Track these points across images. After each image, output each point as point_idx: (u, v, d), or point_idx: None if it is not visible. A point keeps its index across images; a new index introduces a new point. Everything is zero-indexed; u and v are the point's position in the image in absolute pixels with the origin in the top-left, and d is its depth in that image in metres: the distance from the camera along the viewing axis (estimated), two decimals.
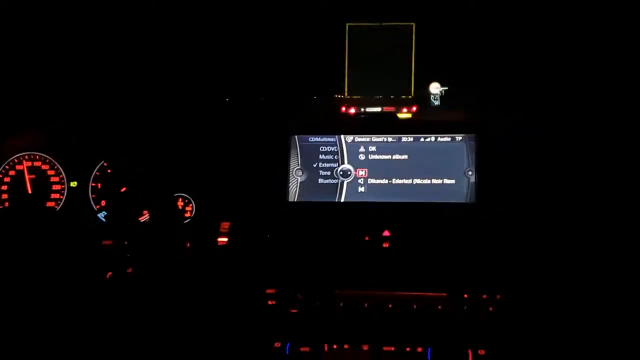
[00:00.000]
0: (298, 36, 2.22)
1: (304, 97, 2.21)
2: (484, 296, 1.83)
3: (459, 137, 2.00)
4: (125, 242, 1.82)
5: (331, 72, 2.22)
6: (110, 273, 1.82)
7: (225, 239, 1.98)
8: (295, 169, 2.06)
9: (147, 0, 2.03)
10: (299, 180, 2.06)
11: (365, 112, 2.20)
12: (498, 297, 1.82)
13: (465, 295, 1.83)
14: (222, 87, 2.22)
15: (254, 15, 2.14)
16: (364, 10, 2.15)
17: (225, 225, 2.01)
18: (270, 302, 1.90)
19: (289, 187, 2.05)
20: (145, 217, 2.04)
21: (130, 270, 1.80)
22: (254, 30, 2.17)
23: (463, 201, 1.97)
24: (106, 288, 1.86)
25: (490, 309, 1.82)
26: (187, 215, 2.11)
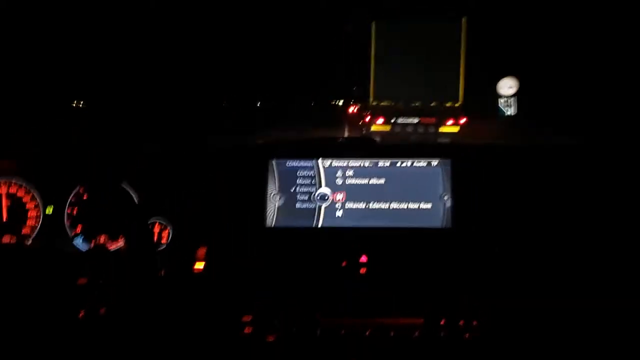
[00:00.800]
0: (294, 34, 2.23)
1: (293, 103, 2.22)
2: (461, 322, 1.82)
3: (434, 162, 2.01)
4: (101, 282, 1.79)
5: (333, 75, 2.22)
6: (82, 312, 1.79)
7: (202, 265, 1.97)
8: (272, 193, 2.06)
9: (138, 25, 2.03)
10: (276, 205, 2.06)
11: (397, 123, 2.21)
12: (475, 322, 1.82)
13: (443, 321, 1.83)
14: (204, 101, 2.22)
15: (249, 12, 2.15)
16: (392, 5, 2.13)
17: (202, 251, 2.00)
18: (246, 330, 1.89)
19: (266, 212, 2.05)
20: (119, 244, 2.03)
21: (102, 310, 1.78)
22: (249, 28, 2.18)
23: (439, 226, 1.98)
24: (78, 327, 1.83)
25: (467, 335, 1.82)
26: (164, 241, 2.10)
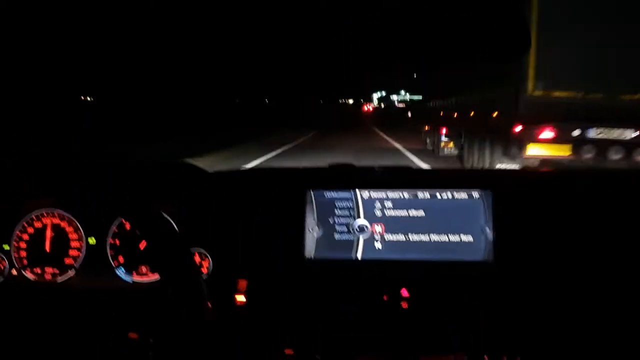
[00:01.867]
0: None
1: None
2: (504, 358, 1.83)
3: (475, 193, 2.01)
4: (151, 340, 1.82)
5: None
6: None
7: (244, 298, 2.00)
8: (311, 225, 2.08)
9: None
10: (315, 236, 2.07)
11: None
12: (518, 359, 1.82)
13: (486, 358, 1.83)
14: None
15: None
16: None
17: (242, 283, 2.02)
18: None
19: (305, 243, 2.07)
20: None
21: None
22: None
23: (481, 259, 1.98)
24: None
25: None
26: (204, 271, 2.13)
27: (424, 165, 11.49)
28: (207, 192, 2.21)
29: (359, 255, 2.05)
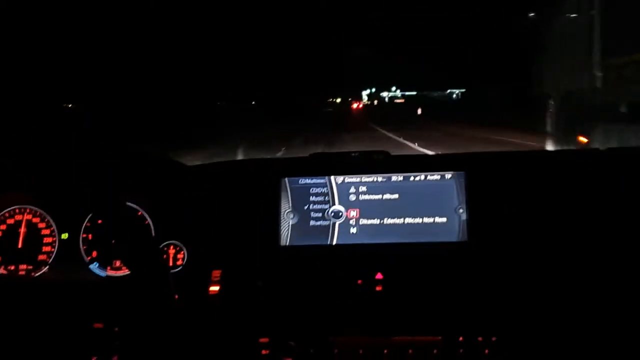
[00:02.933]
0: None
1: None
2: (480, 338, 1.82)
3: (448, 175, 2.01)
4: (116, 329, 1.81)
5: None
6: (95, 359, 1.81)
7: (217, 288, 1.99)
8: (286, 211, 2.08)
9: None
10: (290, 223, 2.07)
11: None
12: (493, 338, 1.82)
13: (461, 338, 1.83)
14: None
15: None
16: None
17: (216, 273, 2.02)
18: (263, 352, 1.90)
19: (280, 231, 2.07)
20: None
21: (115, 358, 1.80)
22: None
23: (455, 240, 1.98)
24: None
25: (486, 351, 1.82)
26: (179, 263, 2.12)
27: None
28: (183, 185, 2.21)
29: (334, 241, 2.05)
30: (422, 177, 2.03)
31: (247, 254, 2.07)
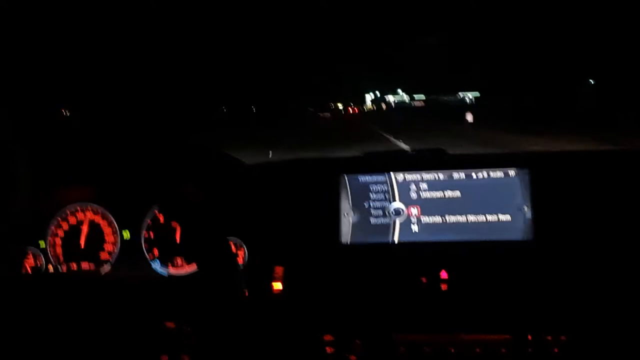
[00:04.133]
0: None
1: None
2: (549, 337, 1.82)
3: (511, 172, 2.01)
4: (189, 329, 1.85)
5: None
6: (165, 358, 1.84)
7: (280, 285, 2.01)
8: (346, 209, 2.09)
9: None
10: (350, 221, 2.09)
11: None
12: (563, 337, 1.82)
13: (529, 337, 1.83)
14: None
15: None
16: None
17: (279, 270, 2.04)
18: (328, 349, 1.92)
19: (341, 229, 2.08)
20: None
21: (186, 358, 1.83)
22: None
23: (520, 238, 1.98)
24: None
25: (556, 350, 1.82)
26: (240, 260, 2.15)
27: None
28: (243, 182, 2.23)
29: (396, 239, 2.06)
30: (485, 174, 2.03)
31: (308, 252, 2.08)
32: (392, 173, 2.09)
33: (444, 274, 1.95)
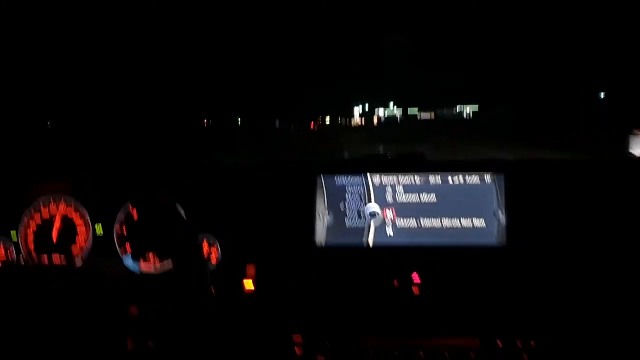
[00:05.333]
0: None
1: None
2: (519, 343, 1.82)
3: (487, 177, 2.01)
4: (151, 313, 1.84)
5: None
6: (131, 344, 1.83)
7: (252, 284, 2.01)
8: (321, 210, 2.09)
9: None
10: (325, 223, 2.08)
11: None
12: (532, 343, 1.82)
13: (499, 342, 1.83)
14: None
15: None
16: None
17: (251, 269, 2.04)
18: (297, 350, 1.92)
19: (315, 230, 2.08)
20: (167, 263, 2.07)
21: (150, 343, 1.82)
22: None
23: (494, 243, 1.98)
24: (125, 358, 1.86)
25: (525, 356, 1.82)
26: (213, 257, 2.14)
27: None
28: (218, 182, 2.23)
29: (370, 242, 2.06)
30: (461, 178, 2.04)
31: (281, 252, 2.08)
32: (368, 175, 2.09)
33: (416, 278, 1.95)
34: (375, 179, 2.09)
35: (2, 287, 1.97)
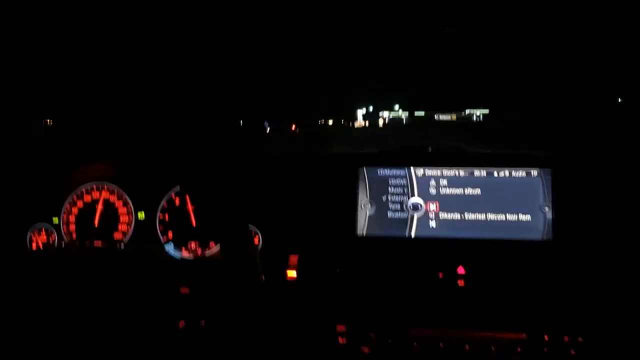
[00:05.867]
0: None
1: None
2: (566, 338, 1.81)
3: (534, 172, 2.00)
4: (202, 293, 1.85)
5: None
6: (182, 322, 1.84)
7: (294, 274, 2.01)
8: (363, 202, 2.09)
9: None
10: (367, 214, 2.08)
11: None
12: (580, 339, 1.81)
13: (546, 337, 1.82)
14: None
15: None
16: None
17: (294, 258, 2.04)
18: (340, 340, 1.91)
19: (357, 221, 2.08)
20: (211, 251, 2.08)
21: (203, 322, 1.83)
22: None
23: (539, 238, 1.97)
24: (177, 338, 1.88)
25: (572, 352, 1.80)
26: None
27: None
28: (261, 173, 2.23)
29: (413, 233, 2.05)
30: (507, 172, 2.03)
31: (324, 242, 2.08)
32: (412, 168, 2.08)
33: (461, 270, 1.94)
34: (418, 172, 2.09)
35: (42, 268, 1.99)
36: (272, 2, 2.04)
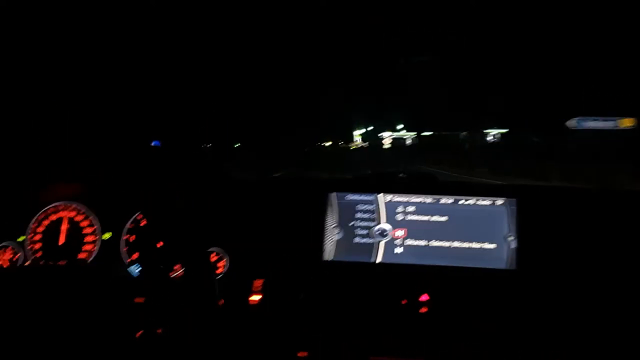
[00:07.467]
0: None
1: None
2: None
3: (499, 201, 2.02)
4: (158, 301, 1.84)
5: None
6: (140, 332, 1.83)
7: (258, 297, 2.00)
8: (331, 226, 2.09)
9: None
10: (335, 239, 2.09)
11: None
12: None
13: None
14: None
15: None
16: None
17: (258, 282, 2.03)
18: None
19: (324, 245, 2.08)
20: (177, 272, 2.07)
21: (160, 330, 1.82)
22: None
23: (504, 267, 1.98)
24: (135, 347, 1.86)
25: None
26: (220, 271, 2.14)
27: None
28: (229, 196, 2.23)
29: (379, 259, 2.06)
30: (473, 201, 2.05)
31: (290, 266, 2.08)
32: (380, 194, 2.10)
33: (425, 297, 1.94)
34: (386, 198, 2.10)
35: (7, 287, 1.97)
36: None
